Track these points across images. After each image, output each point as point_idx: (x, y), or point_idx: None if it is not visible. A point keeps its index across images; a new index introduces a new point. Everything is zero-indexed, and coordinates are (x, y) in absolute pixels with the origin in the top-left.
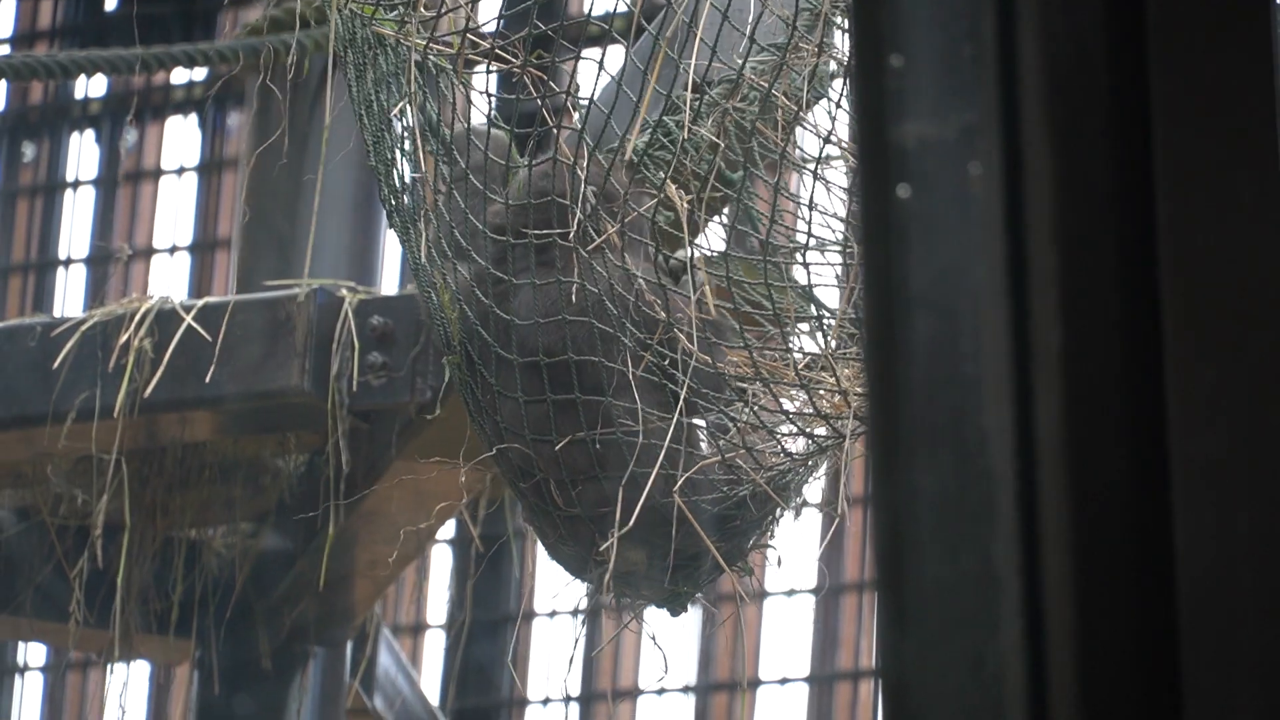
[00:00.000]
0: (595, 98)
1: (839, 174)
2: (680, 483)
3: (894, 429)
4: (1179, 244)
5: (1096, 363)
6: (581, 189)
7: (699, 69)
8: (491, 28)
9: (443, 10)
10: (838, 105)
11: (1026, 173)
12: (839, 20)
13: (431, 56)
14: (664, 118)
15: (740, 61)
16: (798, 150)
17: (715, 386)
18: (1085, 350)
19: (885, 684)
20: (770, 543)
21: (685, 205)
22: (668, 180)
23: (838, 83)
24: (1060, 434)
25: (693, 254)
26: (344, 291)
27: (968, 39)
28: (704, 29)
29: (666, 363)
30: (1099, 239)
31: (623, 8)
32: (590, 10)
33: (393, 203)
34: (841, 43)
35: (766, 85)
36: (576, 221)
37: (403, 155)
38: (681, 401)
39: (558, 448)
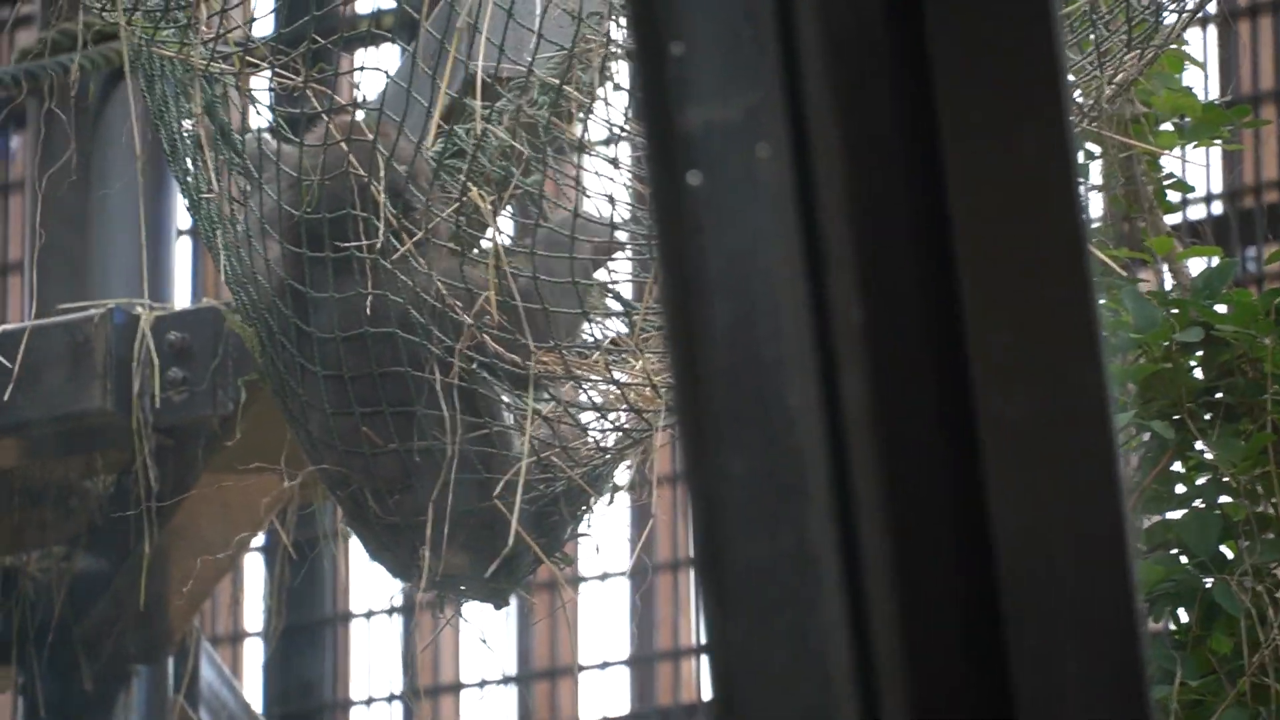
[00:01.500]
0: (383, 104)
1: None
2: (499, 488)
3: (701, 415)
4: (968, 206)
5: (898, 334)
6: (382, 181)
7: (487, 69)
8: (269, 31)
9: (220, 32)
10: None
11: (814, 149)
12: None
13: (214, 71)
14: (454, 128)
15: (529, 60)
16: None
17: (525, 385)
18: (886, 323)
19: (712, 665)
20: (586, 532)
21: (488, 207)
22: (468, 184)
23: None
24: (867, 408)
25: (497, 251)
26: (139, 309)
27: (746, 20)
28: (489, 28)
29: (474, 366)
30: (891, 210)
31: (391, 4)
32: (356, 9)
33: (198, 209)
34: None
35: (557, 83)
36: (379, 230)
37: (195, 166)
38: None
39: (370, 458)
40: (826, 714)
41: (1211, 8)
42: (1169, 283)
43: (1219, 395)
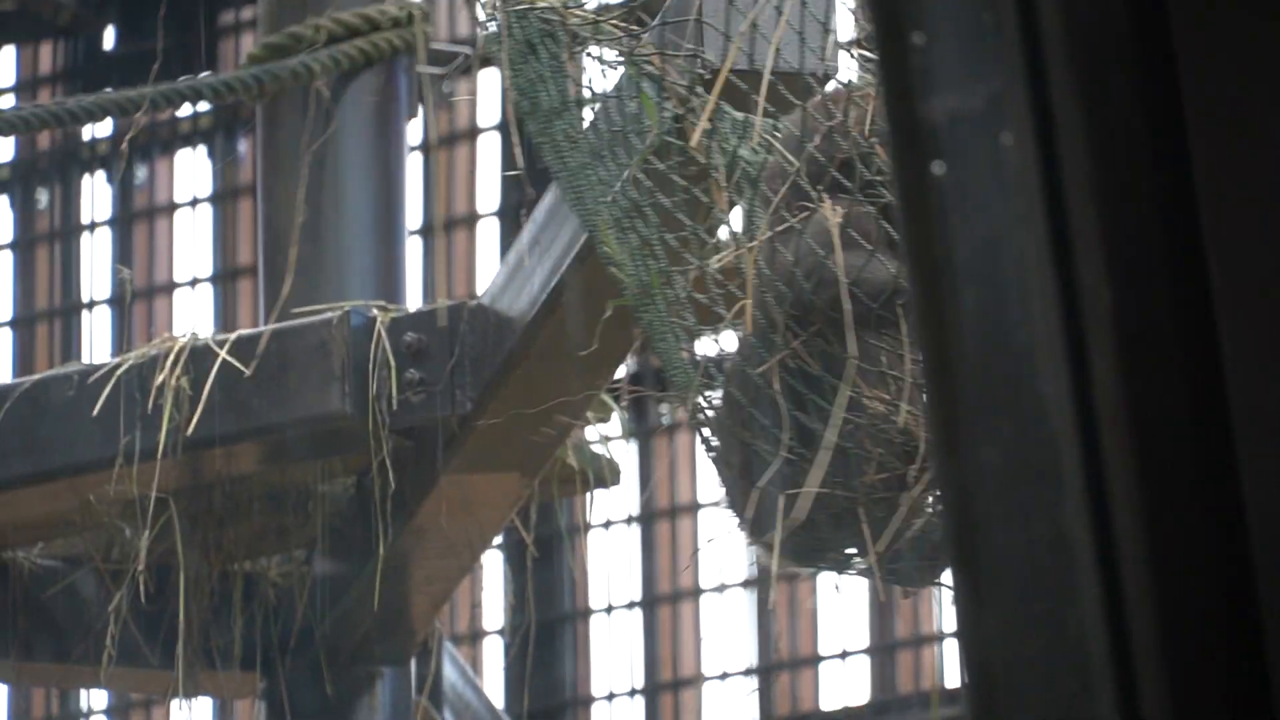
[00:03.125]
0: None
1: None
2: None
3: (952, 404)
4: (1217, 190)
5: (1148, 318)
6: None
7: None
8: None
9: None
10: None
11: (1059, 134)
12: None
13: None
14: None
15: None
16: None
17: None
18: (1135, 307)
19: (966, 655)
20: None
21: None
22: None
23: None
24: (1118, 393)
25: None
26: (375, 311)
27: (987, 7)
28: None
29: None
30: (1138, 193)
31: None
32: None
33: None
34: None
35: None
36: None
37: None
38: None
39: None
40: (1083, 702)
41: None
42: None
43: None
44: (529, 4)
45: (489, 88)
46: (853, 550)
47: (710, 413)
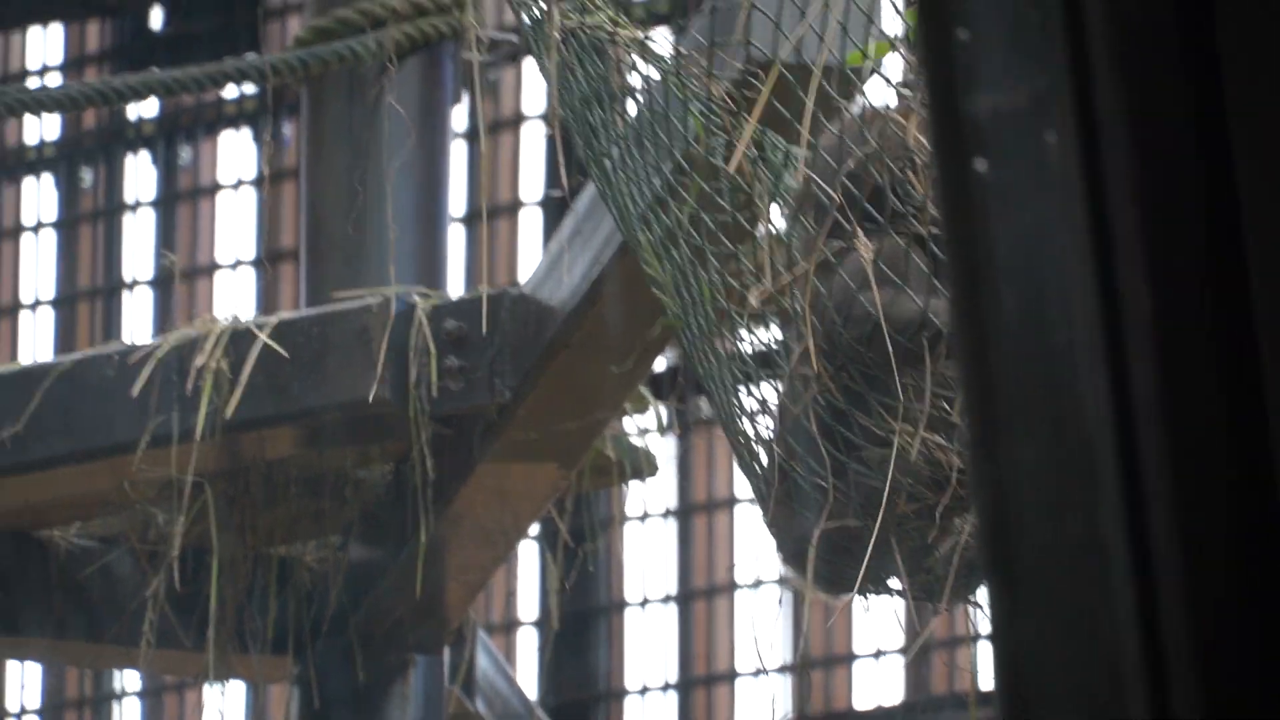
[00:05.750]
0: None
1: None
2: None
3: (989, 402)
4: (1260, 191)
5: (1187, 319)
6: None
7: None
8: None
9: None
10: None
11: (1102, 135)
12: None
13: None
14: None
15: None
16: None
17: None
18: (1175, 308)
19: (998, 654)
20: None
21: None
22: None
23: None
24: (1156, 395)
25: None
26: (416, 297)
27: (1033, 5)
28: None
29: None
30: (1180, 195)
31: None
32: None
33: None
34: None
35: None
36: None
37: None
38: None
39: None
40: (1115, 705)
41: None
42: None
43: None
44: (577, 19)
45: (536, 76)
46: (885, 575)
47: (751, 432)
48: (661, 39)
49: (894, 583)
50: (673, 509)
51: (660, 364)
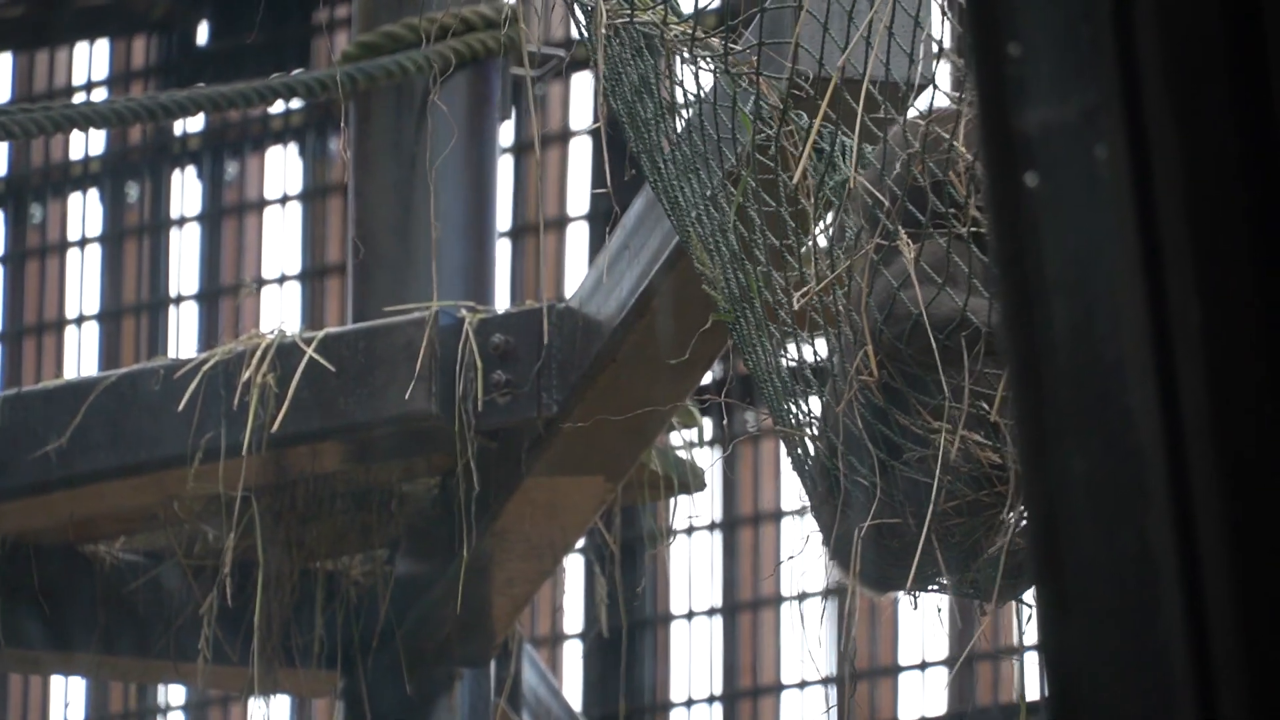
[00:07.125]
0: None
1: None
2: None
3: (1040, 415)
4: None
5: (1237, 335)
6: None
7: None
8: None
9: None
10: None
11: (1152, 150)
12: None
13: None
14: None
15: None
16: None
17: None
18: (1225, 323)
19: (1050, 667)
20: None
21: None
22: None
23: None
24: (1205, 407)
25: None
26: (464, 312)
27: (1083, 20)
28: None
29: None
30: (1230, 208)
31: None
32: None
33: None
34: None
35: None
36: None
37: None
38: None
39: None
40: (1164, 715)
41: None
42: None
43: None
44: (628, 15)
45: (582, 91)
46: (931, 572)
47: (804, 429)
48: (712, 38)
49: (942, 581)
50: (718, 522)
51: (706, 378)
